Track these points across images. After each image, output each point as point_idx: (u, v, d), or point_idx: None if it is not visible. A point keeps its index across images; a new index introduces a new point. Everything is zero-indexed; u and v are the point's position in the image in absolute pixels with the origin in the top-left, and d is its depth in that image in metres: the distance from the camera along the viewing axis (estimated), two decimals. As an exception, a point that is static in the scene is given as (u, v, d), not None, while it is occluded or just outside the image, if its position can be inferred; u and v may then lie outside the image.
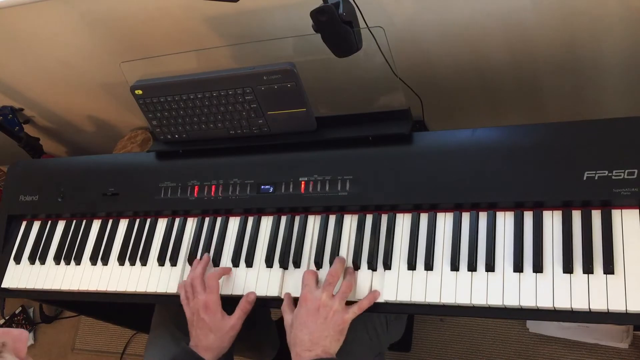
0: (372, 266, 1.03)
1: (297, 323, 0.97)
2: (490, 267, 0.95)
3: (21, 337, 0.71)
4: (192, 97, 1.15)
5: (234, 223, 1.17)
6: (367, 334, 1.17)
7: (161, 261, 1.18)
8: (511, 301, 0.92)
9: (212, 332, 1.04)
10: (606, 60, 1.25)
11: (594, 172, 0.93)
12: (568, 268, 0.91)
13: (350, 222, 1.08)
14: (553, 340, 1.59)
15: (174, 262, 1.17)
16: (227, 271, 1.10)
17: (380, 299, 1.00)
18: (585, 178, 0.93)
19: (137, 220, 1.24)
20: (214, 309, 1.05)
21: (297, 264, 1.08)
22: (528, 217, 0.97)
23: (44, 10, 1.28)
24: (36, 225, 1.34)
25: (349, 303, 0.99)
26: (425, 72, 1.32)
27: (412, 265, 1.00)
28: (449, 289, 0.96)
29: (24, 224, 1.35)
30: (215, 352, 1.04)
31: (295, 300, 1.04)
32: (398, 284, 0.99)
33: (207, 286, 1.06)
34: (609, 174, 0.92)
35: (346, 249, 1.06)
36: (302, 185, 1.11)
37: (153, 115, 1.21)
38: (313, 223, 1.11)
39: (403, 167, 1.06)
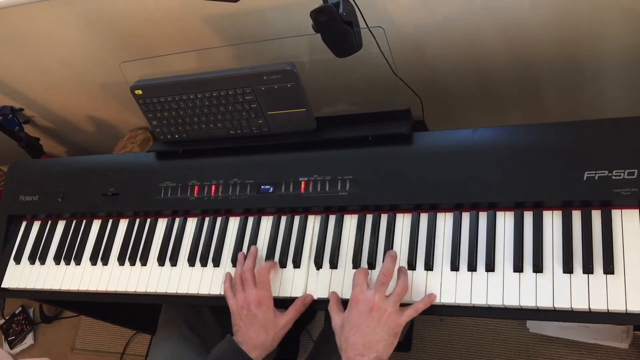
0: (372, 266, 1.03)
1: (349, 326, 0.92)
2: (490, 267, 0.95)
3: None
4: (192, 97, 1.15)
5: (234, 223, 1.17)
6: None
7: (161, 261, 1.18)
8: (511, 301, 0.92)
9: (265, 329, 1.01)
10: (606, 60, 1.25)
11: (594, 172, 0.93)
12: (568, 268, 0.91)
13: (350, 222, 1.08)
14: (553, 340, 1.59)
15: (174, 262, 1.17)
16: (274, 265, 1.08)
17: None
18: (585, 178, 0.93)
19: (137, 220, 1.24)
20: (267, 305, 1.02)
21: (296, 264, 1.08)
22: (528, 217, 0.97)
23: (44, 10, 1.28)
24: (36, 225, 1.34)
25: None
26: (426, 72, 1.32)
27: (412, 266, 1.00)
28: (449, 289, 0.96)
29: (24, 224, 1.35)
30: (263, 351, 1.01)
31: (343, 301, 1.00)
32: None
33: (259, 282, 1.03)
34: (609, 174, 0.92)
35: (346, 249, 1.06)
36: (302, 185, 1.11)
37: (153, 115, 1.21)
38: (313, 223, 1.11)
39: (403, 167, 1.06)
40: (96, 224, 1.28)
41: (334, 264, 1.05)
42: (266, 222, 1.14)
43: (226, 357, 1.00)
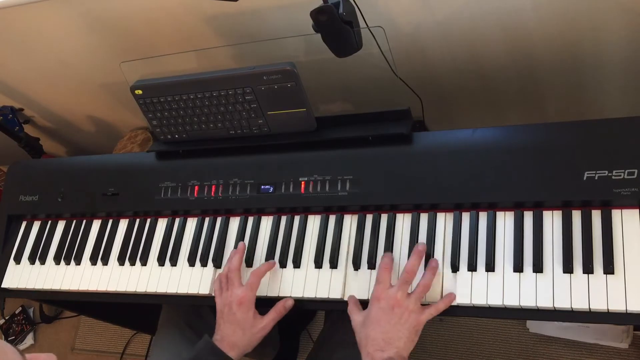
0: (372, 266, 1.03)
1: (370, 322, 0.93)
2: (490, 267, 0.95)
3: None
4: (192, 97, 1.15)
5: (234, 223, 1.17)
6: None
7: (161, 261, 1.17)
8: (511, 301, 0.92)
9: (242, 329, 1.02)
10: (606, 60, 1.25)
11: (594, 172, 0.93)
12: (568, 268, 0.91)
13: (350, 222, 1.08)
14: (553, 340, 1.59)
15: (174, 262, 1.17)
16: (272, 266, 1.08)
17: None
18: (585, 178, 0.93)
19: (137, 220, 1.24)
20: (247, 306, 1.02)
21: (296, 264, 1.08)
22: (528, 217, 0.97)
23: (44, 10, 1.28)
24: (36, 225, 1.34)
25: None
26: (425, 72, 1.32)
27: (412, 265, 1.00)
28: (449, 289, 0.96)
29: (24, 224, 1.35)
30: (240, 350, 1.02)
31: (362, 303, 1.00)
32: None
33: (248, 282, 1.04)
34: (609, 174, 0.92)
35: (346, 249, 1.06)
36: (302, 185, 1.11)
37: (153, 115, 1.21)
38: (313, 223, 1.11)
39: (403, 167, 1.06)
40: (96, 224, 1.28)
41: (334, 264, 1.05)
42: (266, 222, 1.14)
43: (202, 355, 1.01)
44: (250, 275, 1.05)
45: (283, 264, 1.09)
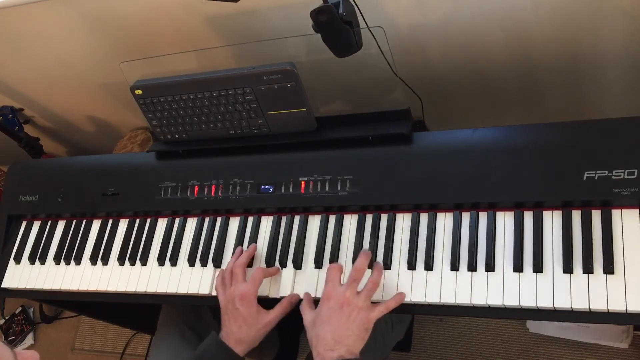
0: (372, 266, 1.02)
1: (320, 321, 0.93)
2: (490, 267, 0.95)
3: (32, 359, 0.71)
4: (192, 97, 1.15)
5: (234, 223, 1.17)
6: (372, 339, 1.15)
7: (161, 261, 1.18)
8: (511, 301, 0.92)
9: (246, 324, 1.02)
10: (606, 60, 1.25)
11: (594, 172, 0.93)
12: (568, 268, 0.91)
13: (350, 222, 1.08)
14: (553, 340, 1.59)
15: (174, 262, 1.17)
16: (275, 272, 1.08)
17: (380, 299, 0.99)
18: (585, 178, 0.93)
19: (137, 220, 1.24)
20: (249, 300, 1.02)
21: (297, 264, 1.08)
22: (528, 217, 0.97)
23: (44, 10, 1.28)
24: (36, 225, 1.34)
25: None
26: (425, 72, 1.32)
27: (412, 265, 1.00)
28: (449, 289, 0.96)
29: (24, 224, 1.35)
30: (246, 346, 1.02)
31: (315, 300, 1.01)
32: (398, 284, 0.99)
33: (251, 277, 1.04)
34: (609, 174, 0.92)
35: (346, 249, 1.06)
36: (302, 185, 1.11)
37: (153, 115, 1.21)
38: (313, 223, 1.11)
39: (403, 167, 1.06)
40: (96, 224, 1.28)
41: (334, 264, 1.05)
42: (266, 222, 1.14)
43: (211, 350, 1.02)
44: (255, 269, 1.05)
45: (283, 264, 1.09)
